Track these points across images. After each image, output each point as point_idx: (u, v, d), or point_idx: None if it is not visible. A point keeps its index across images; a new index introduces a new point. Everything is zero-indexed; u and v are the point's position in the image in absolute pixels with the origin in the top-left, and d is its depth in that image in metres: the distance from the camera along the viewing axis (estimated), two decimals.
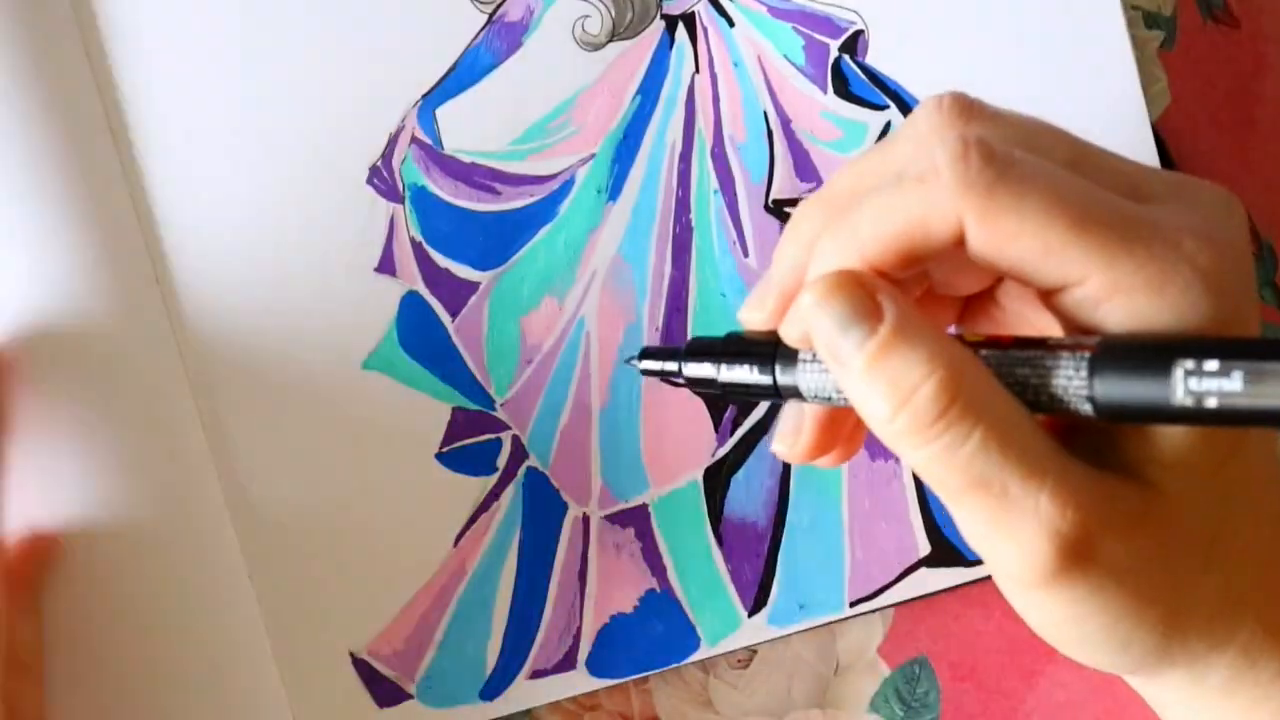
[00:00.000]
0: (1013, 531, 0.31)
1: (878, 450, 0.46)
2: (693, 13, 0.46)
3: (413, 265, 0.45)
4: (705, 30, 0.46)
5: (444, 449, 0.46)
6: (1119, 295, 0.31)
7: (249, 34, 0.45)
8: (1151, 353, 0.29)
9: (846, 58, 0.46)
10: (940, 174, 0.31)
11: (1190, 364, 0.29)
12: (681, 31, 0.46)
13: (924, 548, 0.46)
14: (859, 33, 0.46)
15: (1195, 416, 0.29)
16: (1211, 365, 0.29)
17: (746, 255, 0.46)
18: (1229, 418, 0.29)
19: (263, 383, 0.45)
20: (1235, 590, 0.33)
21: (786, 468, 0.46)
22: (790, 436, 0.36)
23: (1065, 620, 0.32)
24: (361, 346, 0.45)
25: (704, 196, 0.46)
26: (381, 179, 0.45)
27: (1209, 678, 0.34)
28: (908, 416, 0.31)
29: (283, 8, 0.45)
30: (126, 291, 0.44)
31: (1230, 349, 0.29)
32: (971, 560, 0.46)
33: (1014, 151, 0.31)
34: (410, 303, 0.45)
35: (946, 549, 0.46)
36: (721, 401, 0.46)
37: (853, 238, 0.32)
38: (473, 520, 0.46)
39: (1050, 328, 0.33)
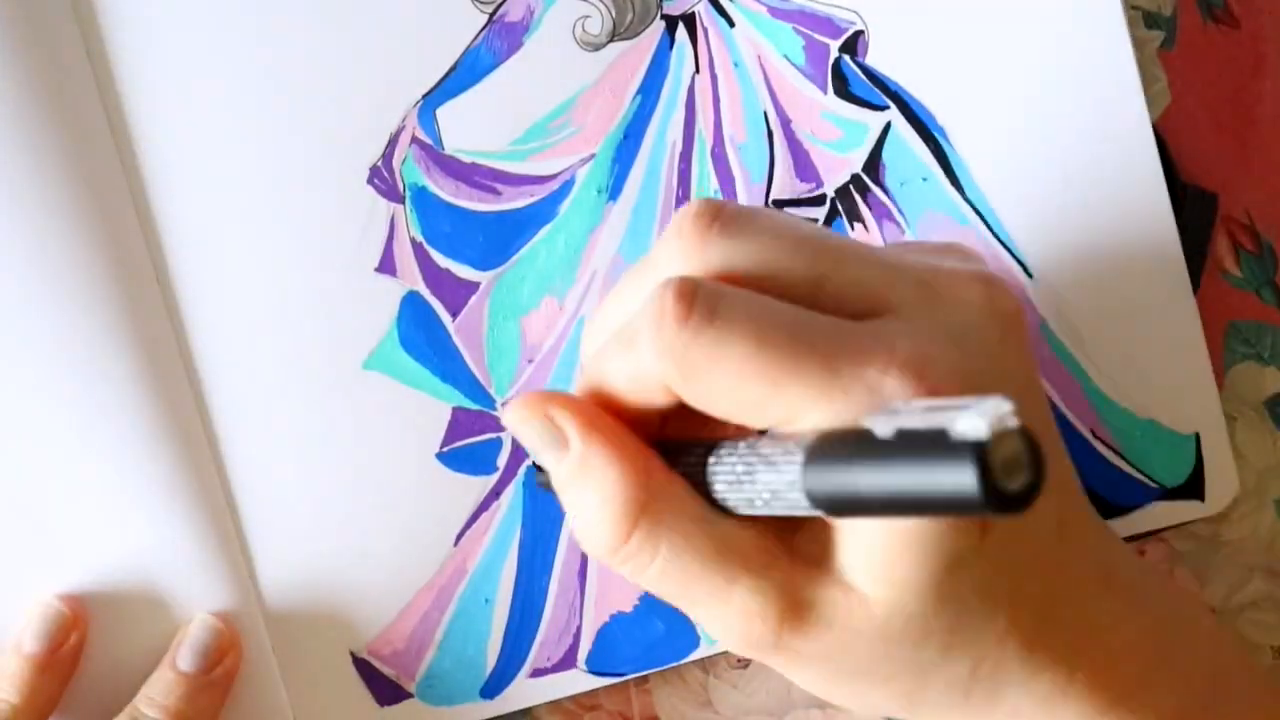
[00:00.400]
0: (711, 629, 0.34)
1: None
2: (693, 13, 0.46)
3: (413, 265, 0.46)
4: (705, 31, 0.46)
5: (444, 449, 0.46)
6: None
7: (249, 34, 0.45)
8: (838, 448, 0.30)
9: (847, 58, 0.46)
10: (646, 341, 0.32)
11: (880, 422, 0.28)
12: (682, 32, 0.46)
13: None
14: (859, 33, 0.46)
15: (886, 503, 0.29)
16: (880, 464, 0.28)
17: None
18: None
19: (263, 382, 0.45)
20: (988, 669, 0.34)
21: None
22: None
23: (799, 681, 0.35)
24: (362, 346, 0.45)
25: (704, 196, 0.46)
26: (382, 179, 0.45)
27: None
28: (592, 543, 0.34)
29: (283, 8, 0.45)
30: (127, 292, 0.44)
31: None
32: None
33: (720, 296, 0.32)
34: (411, 302, 0.46)
35: None
36: None
37: (604, 385, 0.35)
38: (473, 519, 0.46)
39: None
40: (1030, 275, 0.46)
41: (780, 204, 0.46)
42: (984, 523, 0.32)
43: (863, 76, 0.46)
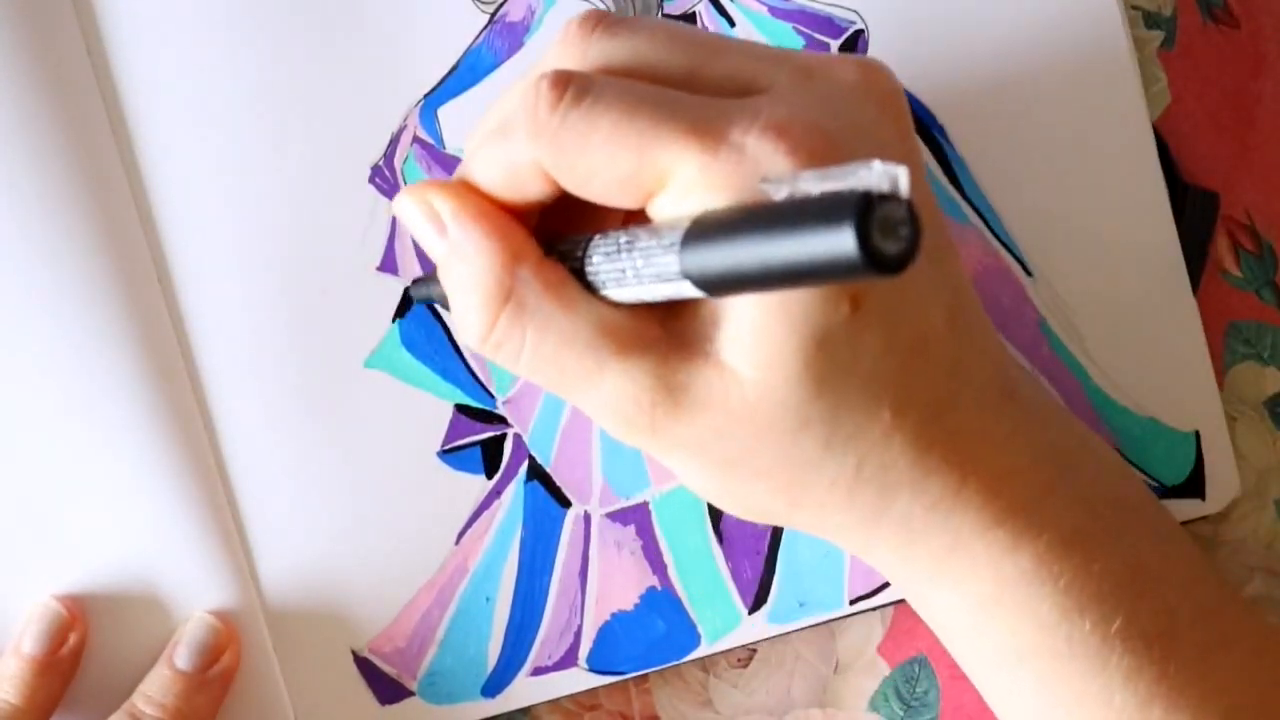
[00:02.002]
0: (592, 415, 0.35)
1: None
2: (694, 12, 0.46)
3: (415, 264, 0.46)
4: (706, 30, 0.46)
5: (446, 447, 0.46)
6: (689, 199, 0.32)
7: (250, 33, 0.45)
8: (715, 227, 0.30)
9: None
10: (522, 127, 0.33)
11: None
12: None
13: None
14: (859, 32, 0.46)
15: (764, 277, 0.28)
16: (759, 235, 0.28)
17: None
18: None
19: (264, 381, 0.45)
20: (873, 469, 0.34)
21: None
22: None
23: (679, 472, 0.35)
24: (363, 345, 0.46)
25: None
26: (383, 178, 0.46)
27: (876, 551, 0.36)
28: (465, 332, 0.35)
29: (284, 7, 0.45)
30: (128, 291, 0.44)
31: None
32: None
33: (592, 82, 0.33)
34: (412, 301, 0.46)
35: None
36: None
37: (476, 178, 0.35)
38: (474, 518, 0.46)
39: None
40: (1030, 274, 0.46)
41: None
42: (854, 297, 0.32)
43: None
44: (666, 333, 0.34)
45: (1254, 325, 0.47)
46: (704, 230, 0.30)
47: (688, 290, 0.31)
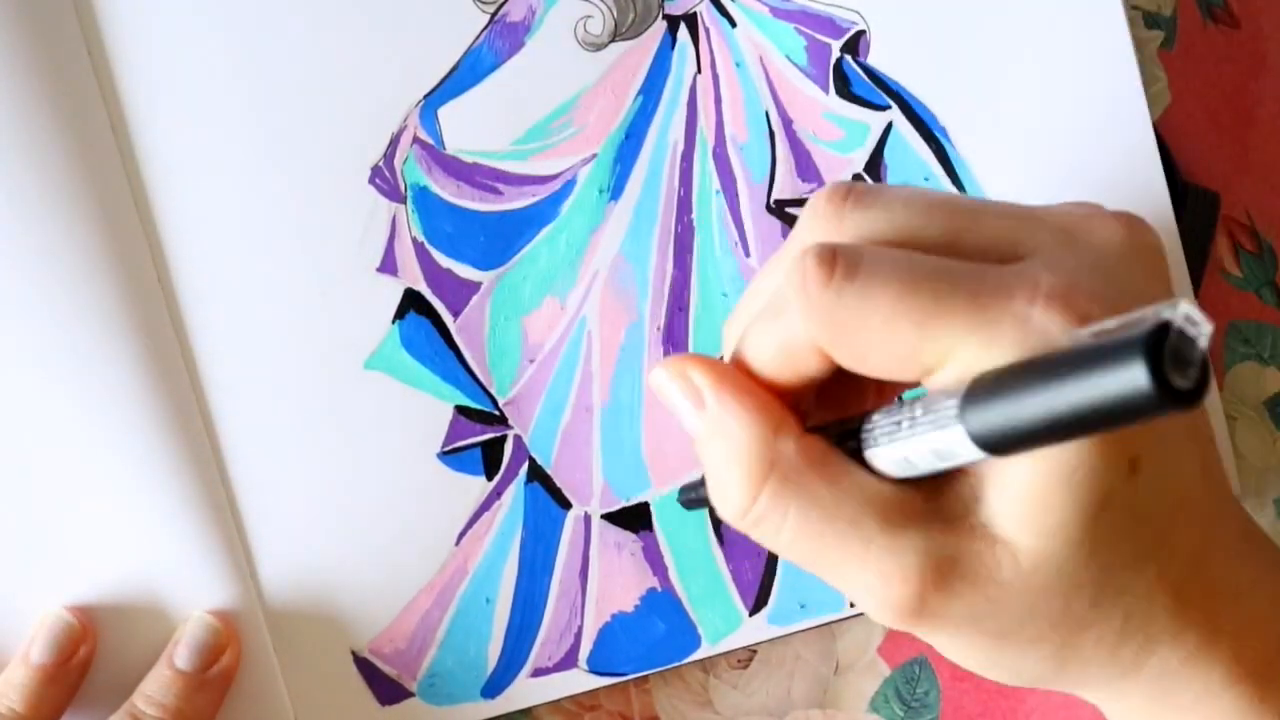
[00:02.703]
0: (852, 596, 0.33)
1: None
2: (695, 13, 0.46)
3: (414, 265, 0.46)
4: (707, 31, 0.46)
5: (446, 449, 0.46)
6: (966, 376, 0.31)
7: (251, 33, 0.45)
8: (994, 387, 0.30)
9: (848, 58, 0.46)
10: (788, 305, 0.33)
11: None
12: (683, 32, 0.46)
13: None
14: (861, 33, 0.46)
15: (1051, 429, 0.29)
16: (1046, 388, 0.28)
17: (748, 255, 0.46)
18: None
19: (265, 382, 0.45)
20: (1137, 623, 0.34)
21: None
22: None
23: (947, 651, 0.34)
24: (363, 346, 0.45)
25: (706, 196, 0.46)
26: (384, 179, 0.45)
27: (1129, 699, 0.35)
28: (723, 505, 0.34)
29: (285, 7, 0.45)
30: (129, 293, 0.44)
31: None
32: None
33: (860, 254, 0.32)
34: (412, 302, 0.46)
35: None
36: None
37: (748, 359, 0.35)
38: (475, 519, 0.46)
39: None
40: None
41: (782, 203, 0.46)
42: (1133, 459, 0.32)
43: (864, 76, 0.46)
44: (930, 509, 0.33)
45: (1254, 325, 0.47)
46: (986, 386, 0.30)
47: (966, 451, 0.31)
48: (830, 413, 0.36)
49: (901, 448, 0.32)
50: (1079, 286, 0.31)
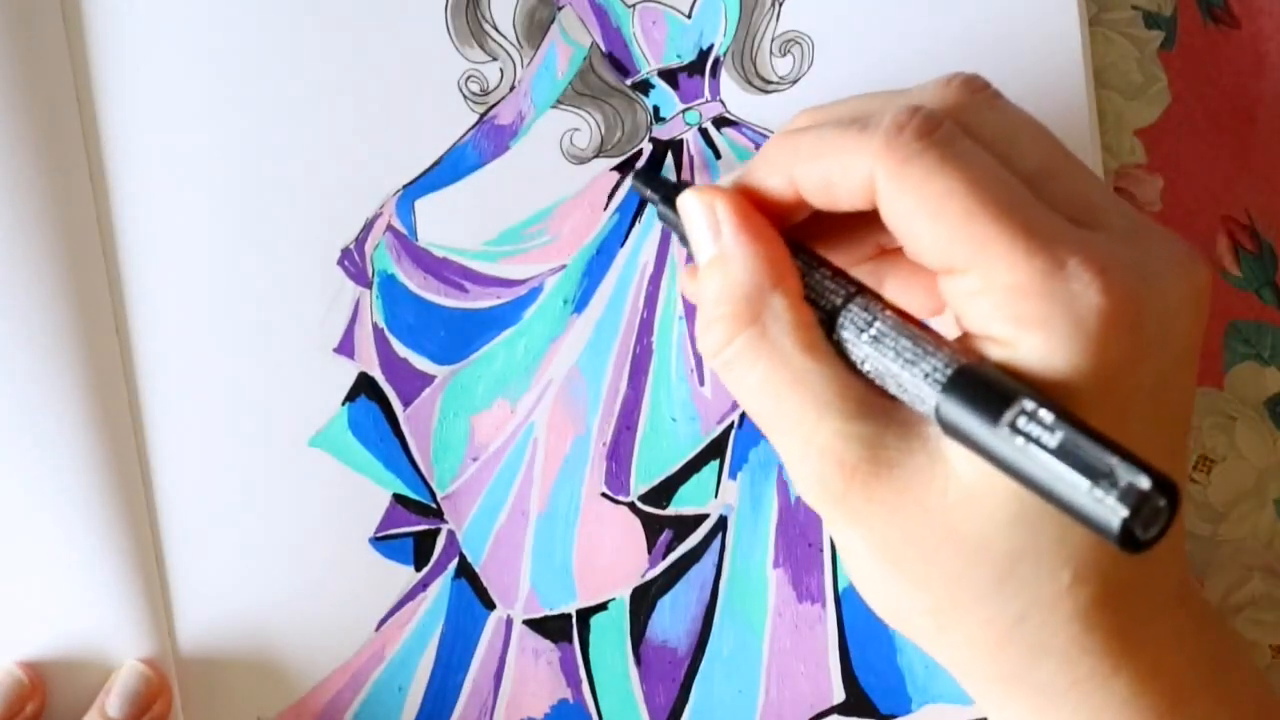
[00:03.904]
0: (784, 458, 0.34)
1: (805, 593, 0.46)
2: (681, 140, 0.46)
3: (371, 350, 0.46)
4: (691, 159, 0.46)
5: (379, 534, 0.46)
6: (987, 296, 0.32)
7: (240, 102, 0.45)
8: (991, 398, 0.30)
9: None
10: (875, 131, 0.33)
11: (1017, 414, 0.30)
12: (668, 157, 0.46)
13: (838, 695, 0.46)
14: None
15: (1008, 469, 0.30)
16: (1035, 426, 0.30)
17: (702, 384, 0.46)
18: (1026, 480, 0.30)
19: (209, 445, 0.45)
20: (1032, 626, 0.33)
21: (714, 597, 0.46)
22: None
23: (847, 561, 0.35)
24: (311, 423, 0.46)
25: (668, 321, 0.46)
26: (352, 262, 0.46)
27: (1008, 711, 0.35)
28: (703, 338, 0.35)
29: (278, 79, 0.45)
30: (84, 344, 0.44)
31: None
32: (885, 714, 0.46)
33: (960, 137, 0.33)
34: (363, 386, 0.46)
35: (861, 699, 0.46)
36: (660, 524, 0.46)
37: (791, 157, 0.35)
38: (398, 608, 0.46)
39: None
40: None
41: None
42: None
43: None
44: (892, 406, 0.33)
45: (1254, 325, 0.47)
46: (973, 389, 0.31)
47: (928, 410, 0.32)
48: (821, 239, 0.37)
49: (873, 362, 0.33)
50: (1123, 269, 0.31)
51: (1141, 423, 0.32)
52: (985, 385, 0.31)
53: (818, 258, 0.36)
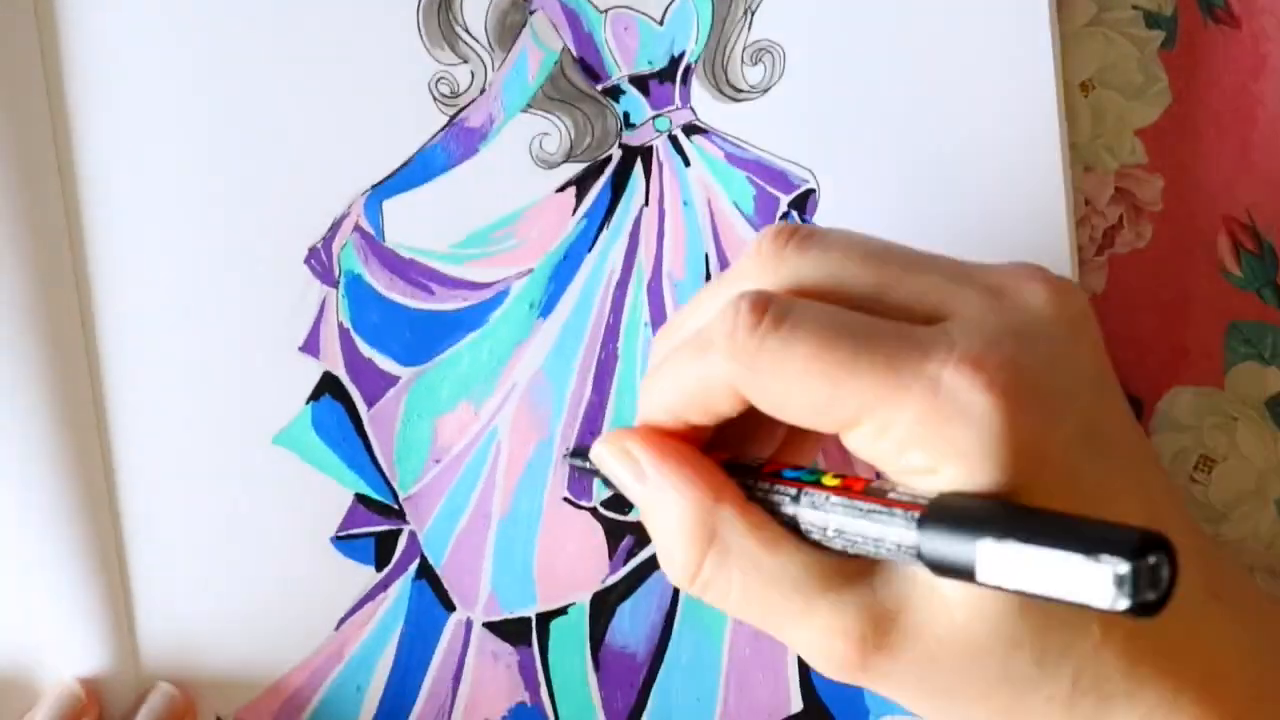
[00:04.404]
0: (801, 652, 0.35)
1: None
2: (651, 147, 0.46)
3: (336, 349, 0.46)
4: (661, 166, 0.46)
5: (340, 534, 0.46)
6: (886, 439, 0.32)
7: (211, 100, 0.45)
8: (959, 526, 0.31)
9: (795, 214, 0.46)
10: (718, 345, 0.34)
11: (990, 543, 0.30)
12: (637, 163, 0.46)
13: (796, 704, 0.46)
14: (811, 191, 0.46)
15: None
16: (1007, 551, 0.30)
17: None
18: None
19: (172, 442, 0.45)
20: (1088, 683, 0.33)
21: (674, 603, 0.46)
22: None
23: (895, 700, 0.35)
24: (275, 421, 0.46)
25: (634, 327, 0.46)
26: (319, 261, 0.46)
27: None
28: (671, 572, 0.35)
29: (247, 78, 0.45)
30: (48, 338, 0.44)
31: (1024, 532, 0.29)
32: None
33: (790, 307, 0.33)
34: (328, 385, 0.46)
35: (819, 709, 0.46)
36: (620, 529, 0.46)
37: (660, 398, 0.36)
38: (358, 607, 0.46)
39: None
40: None
41: None
42: None
43: None
44: (869, 565, 0.34)
45: (1255, 325, 0.47)
46: (948, 517, 0.31)
47: (911, 562, 0.32)
48: (732, 446, 0.37)
49: (841, 538, 0.33)
50: (994, 353, 0.32)
51: (1095, 469, 0.32)
52: (955, 512, 0.31)
53: (743, 465, 0.37)
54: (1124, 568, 0.28)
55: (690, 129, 0.46)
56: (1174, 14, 0.46)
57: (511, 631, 0.46)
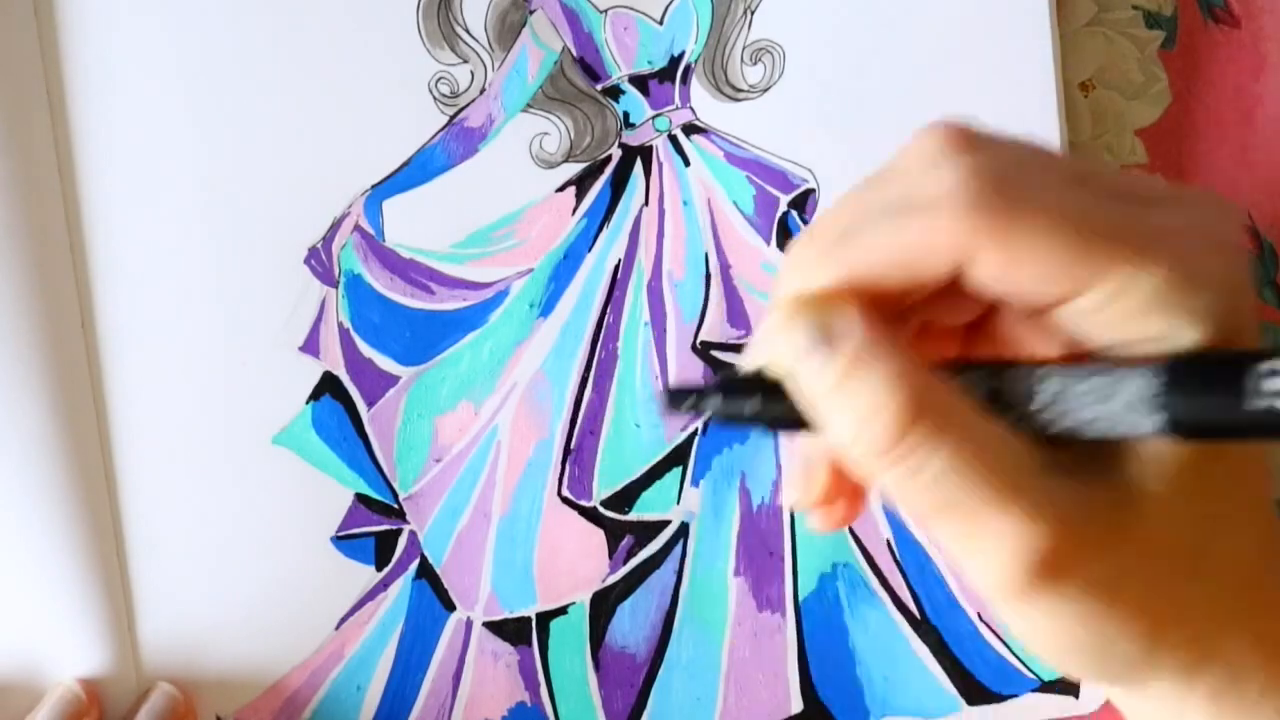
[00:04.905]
0: (984, 549, 0.31)
1: (764, 602, 0.46)
2: (651, 146, 0.46)
3: (337, 349, 0.46)
4: (660, 165, 0.46)
5: (341, 533, 0.46)
6: (1125, 301, 0.30)
7: (212, 102, 0.45)
8: (1224, 365, 0.29)
9: (794, 214, 0.46)
10: (948, 202, 0.30)
11: (1266, 368, 0.29)
12: (637, 163, 0.46)
13: (796, 705, 0.46)
14: (810, 191, 0.46)
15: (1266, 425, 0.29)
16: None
17: None
18: None
19: (173, 442, 0.45)
20: (1221, 602, 0.33)
21: (674, 603, 0.46)
22: (801, 482, 0.34)
23: (1047, 631, 0.32)
24: (275, 421, 0.46)
25: (634, 327, 0.46)
26: (319, 261, 0.46)
27: (1194, 692, 0.33)
28: (868, 440, 0.31)
29: (247, 83, 0.45)
30: (50, 332, 0.44)
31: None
32: None
33: (1017, 174, 0.31)
34: (328, 385, 0.46)
35: (818, 709, 0.46)
36: (622, 534, 0.46)
37: (846, 269, 0.31)
38: (358, 607, 0.46)
39: (1043, 348, 0.33)
40: None
41: (708, 345, 0.46)
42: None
43: None
44: (1079, 460, 0.32)
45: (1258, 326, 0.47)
46: (1194, 373, 0.30)
47: (1149, 430, 0.30)
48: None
49: (1072, 417, 0.31)
50: (1227, 236, 0.32)
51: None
52: (1208, 370, 0.30)
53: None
54: None
55: (690, 128, 0.46)
56: (1174, 14, 0.46)
57: (511, 631, 0.46)
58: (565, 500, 0.46)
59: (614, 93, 0.46)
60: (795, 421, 0.32)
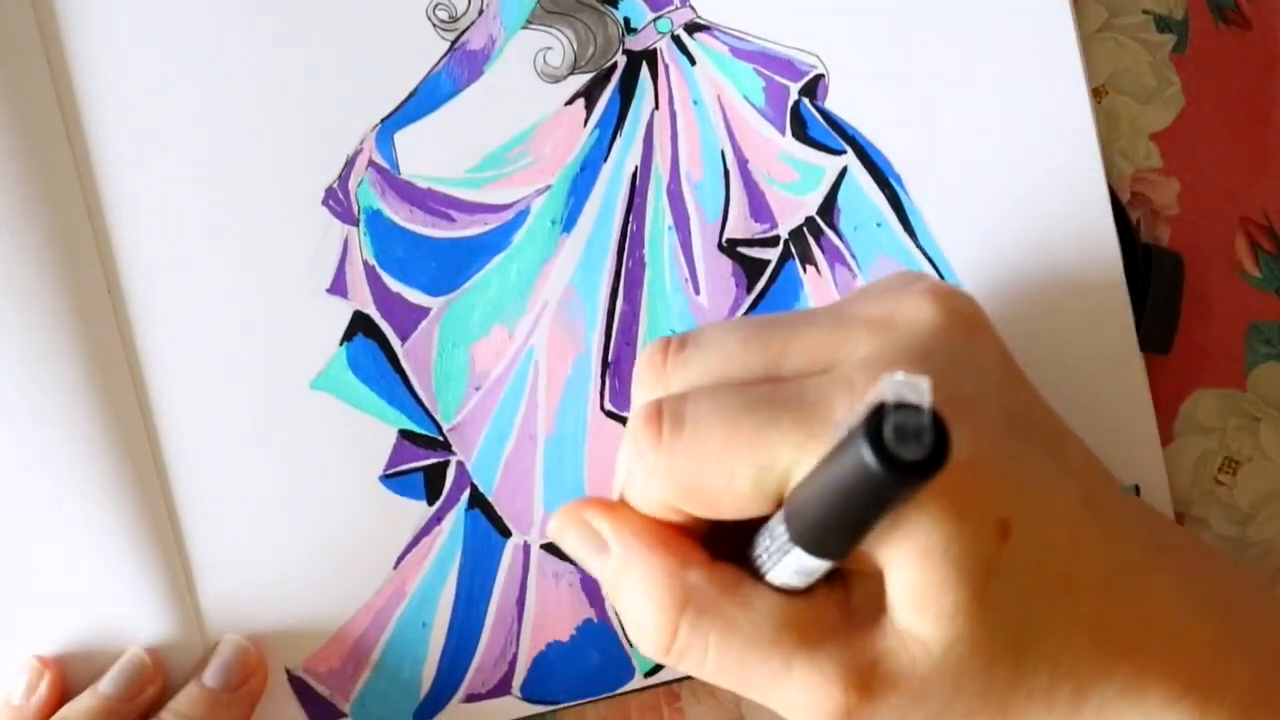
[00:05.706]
0: (790, 712, 0.34)
1: None
2: (655, 49, 0.46)
3: (364, 288, 0.46)
4: (666, 68, 0.46)
5: (388, 472, 0.46)
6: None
7: (211, 50, 0.45)
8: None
9: (806, 101, 0.46)
10: (634, 473, 0.34)
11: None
12: (643, 68, 0.46)
13: None
14: (820, 77, 0.46)
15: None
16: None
17: (698, 293, 0.46)
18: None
19: (211, 399, 0.45)
20: (1065, 668, 0.34)
21: None
22: None
23: None
24: (310, 367, 0.46)
25: (658, 232, 0.46)
26: (337, 200, 0.46)
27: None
28: (645, 646, 0.35)
29: (246, 26, 0.45)
30: (78, 309, 0.44)
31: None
32: None
33: (685, 405, 0.33)
34: (360, 325, 0.46)
35: None
36: None
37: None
38: (414, 543, 0.46)
39: None
40: None
41: (734, 243, 0.46)
42: (1001, 522, 0.32)
43: (821, 120, 0.46)
44: (844, 615, 0.34)
45: (1275, 325, 0.47)
46: (798, 497, 0.31)
47: (817, 563, 0.32)
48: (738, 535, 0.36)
49: (780, 570, 0.33)
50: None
51: (1024, 454, 0.33)
52: (800, 493, 0.32)
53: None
54: (894, 383, 0.27)
55: (692, 27, 0.46)
56: (1185, 17, 0.46)
57: None
58: (609, 414, 0.46)
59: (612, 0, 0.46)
60: None
